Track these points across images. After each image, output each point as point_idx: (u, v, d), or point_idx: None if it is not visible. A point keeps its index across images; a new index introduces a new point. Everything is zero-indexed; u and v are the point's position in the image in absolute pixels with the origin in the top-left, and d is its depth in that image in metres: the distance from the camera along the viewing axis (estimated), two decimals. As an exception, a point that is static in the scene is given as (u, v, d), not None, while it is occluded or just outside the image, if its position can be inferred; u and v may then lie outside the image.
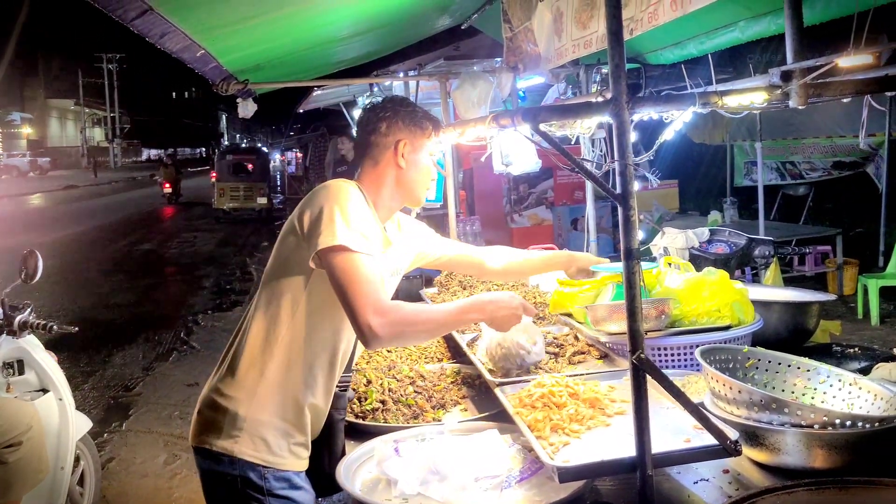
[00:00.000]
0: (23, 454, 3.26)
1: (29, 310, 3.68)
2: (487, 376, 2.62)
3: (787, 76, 1.80)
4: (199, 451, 2.21)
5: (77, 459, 3.98)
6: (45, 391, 3.78)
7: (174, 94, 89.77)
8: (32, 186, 39.27)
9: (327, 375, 2.29)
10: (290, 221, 2.22)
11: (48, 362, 3.84)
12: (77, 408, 4.02)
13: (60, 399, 3.80)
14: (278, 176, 30.62)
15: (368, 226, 2.20)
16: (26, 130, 61.34)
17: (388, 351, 3.40)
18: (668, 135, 2.18)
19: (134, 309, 10.70)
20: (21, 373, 3.74)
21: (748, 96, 1.87)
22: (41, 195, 34.98)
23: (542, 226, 10.01)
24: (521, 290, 3.67)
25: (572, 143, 4.54)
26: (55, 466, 3.71)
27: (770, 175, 11.57)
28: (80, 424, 3.98)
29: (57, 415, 3.78)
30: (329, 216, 2.10)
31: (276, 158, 33.43)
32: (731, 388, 2.12)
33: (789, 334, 3.11)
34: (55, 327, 3.73)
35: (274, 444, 2.16)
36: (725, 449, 1.82)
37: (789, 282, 7.35)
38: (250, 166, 23.45)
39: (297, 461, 2.24)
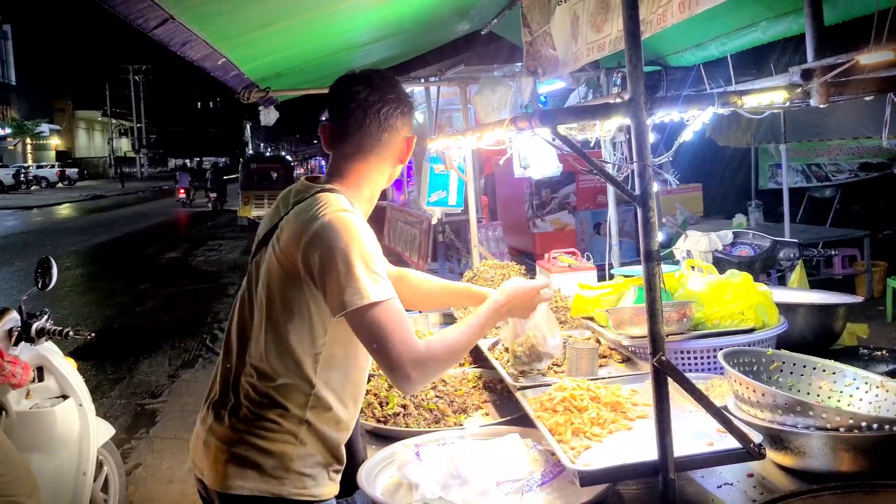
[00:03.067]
0: None
1: (46, 317, 3.72)
2: (509, 380, 2.61)
3: (807, 75, 1.78)
4: (230, 499, 2.01)
5: (100, 466, 4.01)
6: (65, 397, 3.82)
7: (199, 104, 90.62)
8: (60, 196, 39.83)
9: (356, 399, 2.17)
10: (290, 260, 1.97)
11: (68, 369, 3.87)
12: (104, 415, 4.06)
13: (80, 405, 3.83)
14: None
15: (377, 250, 1.99)
16: (55, 141, 62.26)
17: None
18: (686, 135, 2.16)
19: (160, 317, 10.81)
20: (41, 379, 3.78)
21: (768, 96, 1.85)
22: (69, 205, 35.47)
23: (564, 231, 9.96)
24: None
25: (592, 146, 4.52)
26: (77, 472, 3.74)
27: (796, 178, 11.44)
28: (102, 431, 4.01)
29: (77, 421, 3.81)
30: (348, 269, 1.88)
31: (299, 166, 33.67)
32: (754, 391, 2.09)
33: (815, 337, 3.07)
34: (70, 333, 3.76)
35: (318, 476, 2.06)
36: (749, 452, 1.80)
37: (817, 285, 7.25)
38: (275, 175, 23.61)
39: (335, 486, 2.14)
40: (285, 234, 2.00)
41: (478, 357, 3.36)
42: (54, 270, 3.83)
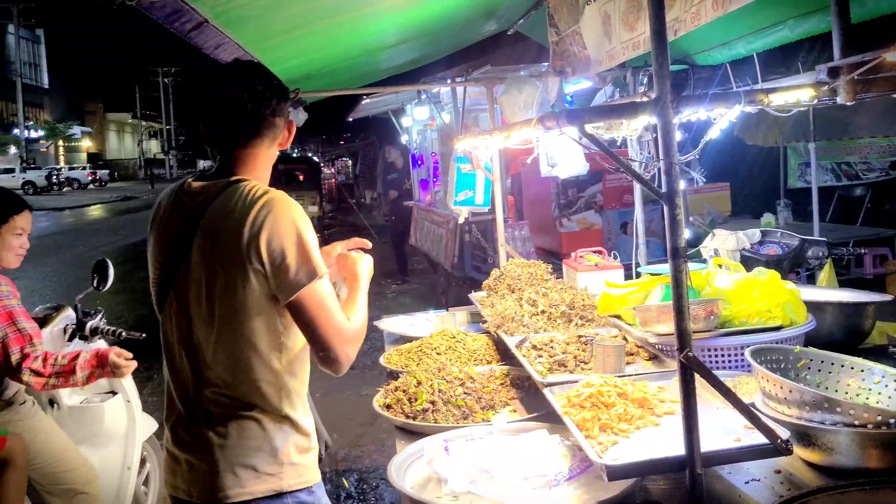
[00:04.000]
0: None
1: (100, 316, 3.81)
2: (536, 377, 2.64)
3: (834, 72, 1.79)
4: None
5: (143, 460, 4.10)
6: (113, 393, 3.91)
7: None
8: (92, 198, 40.40)
9: (307, 381, 2.14)
10: (233, 259, 1.92)
11: None
12: (140, 411, 4.14)
13: (128, 401, 3.92)
14: (329, 184, 30.99)
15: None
16: (86, 144, 63.20)
17: (438, 353, 3.44)
18: (713, 133, 2.17)
19: (190, 316, 10.89)
20: None
21: (795, 93, 1.87)
22: (100, 206, 35.96)
23: (591, 230, 9.93)
24: (570, 292, 3.67)
25: (618, 145, 4.53)
26: (122, 467, 3.84)
27: (825, 176, 11.30)
28: (147, 426, 4.10)
29: (125, 417, 3.91)
30: (302, 246, 1.91)
31: (327, 167, 33.87)
32: (781, 388, 2.10)
33: (843, 335, 3.06)
34: (123, 334, 3.85)
35: (308, 463, 2.06)
36: (776, 448, 1.81)
37: (847, 284, 7.17)
38: (301, 176, 23.75)
39: (318, 469, 2.13)
40: (217, 237, 1.95)
41: (505, 355, 3.39)
42: (110, 272, 3.91)
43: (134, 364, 3.31)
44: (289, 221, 1.91)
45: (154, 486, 4.29)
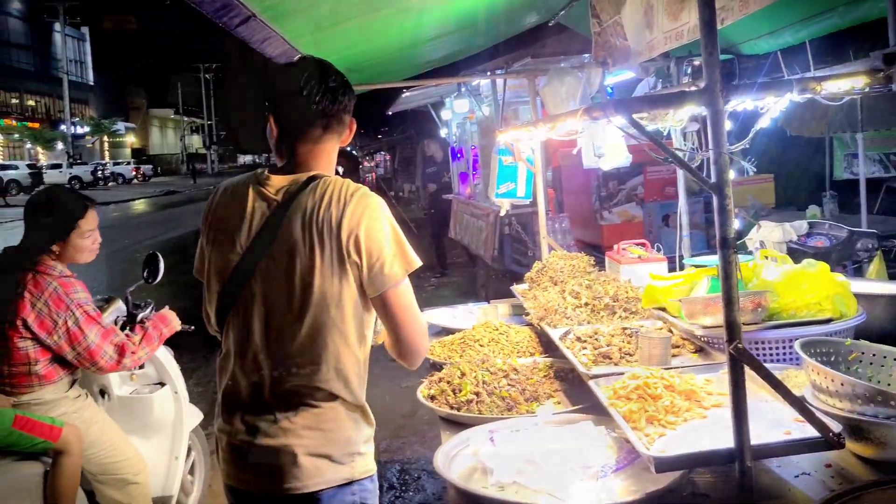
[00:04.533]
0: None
1: (150, 308, 3.89)
2: (581, 369, 2.63)
3: (889, 59, 1.75)
4: (307, 498, 1.99)
5: (189, 450, 4.18)
6: (162, 384, 3.99)
7: (267, 101, 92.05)
8: (136, 192, 41.14)
9: None
10: (335, 245, 1.95)
11: (166, 357, 4.05)
12: (185, 402, 4.21)
13: (176, 392, 4.00)
14: (368, 178, 31.18)
15: None
16: (130, 139, 64.33)
17: (481, 345, 3.45)
18: (763, 122, 2.14)
19: (232, 308, 11.04)
20: (141, 366, 3.96)
21: (848, 81, 1.83)
22: (144, 201, 36.59)
23: (632, 222, 9.86)
24: (614, 284, 3.65)
25: (664, 137, 4.48)
26: (170, 456, 3.92)
27: (873, 167, 11.06)
28: (193, 416, 4.18)
29: (173, 407, 3.99)
30: (398, 241, 2.00)
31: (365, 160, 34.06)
32: (833, 381, 2.07)
33: (895, 328, 3.00)
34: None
35: (371, 452, 2.09)
36: (828, 441, 1.79)
37: (896, 277, 7.03)
38: (340, 169, 23.89)
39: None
40: (310, 230, 1.97)
41: (548, 347, 3.39)
42: (161, 265, 3.99)
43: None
44: (384, 217, 2.00)
45: (199, 475, 4.37)
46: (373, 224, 1.96)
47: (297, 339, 1.98)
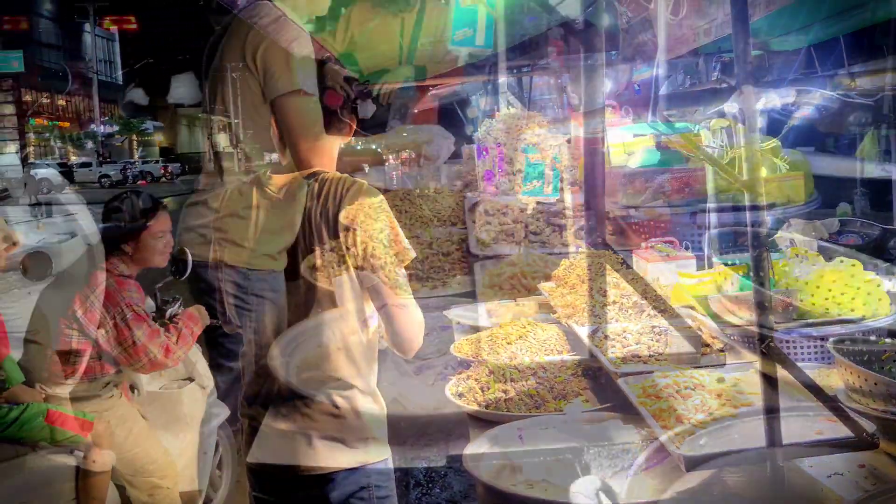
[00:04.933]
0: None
1: (178, 303, 3.92)
2: (609, 367, 2.62)
3: (925, 55, 1.73)
4: (321, 479, 2.11)
5: (217, 445, 4.22)
6: (190, 380, 4.03)
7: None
8: (164, 190, 41.51)
9: None
10: (333, 238, 2.07)
11: (194, 353, 4.08)
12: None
13: (204, 388, 4.04)
14: (394, 176, 31.20)
15: None
16: (158, 138, 64.96)
17: (508, 343, 3.45)
18: (795, 119, 2.12)
19: (259, 305, 11.13)
20: None
21: (882, 77, 1.81)
22: (172, 198, 36.91)
23: (659, 220, 9.78)
24: (641, 282, 3.63)
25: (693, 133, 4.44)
26: (199, 451, 3.96)
27: (906, 164, 10.89)
28: (220, 412, 4.22)
29: (201, 403, 4.02)
30: (394, 233, 2.10)
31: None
32: (867, 380, 2.05)
33: (930, 328, 2.95)
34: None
35: (385, 438, 2.17)
36: (862, 441, 1.78)
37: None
38: (366, 167, 23.96)
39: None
40: (310, 224, 2.10)
41: (575, 345, 3.37)
42: (189, 261, 4.03)
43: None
44: (381, 210, 2.08)
45: (227, 469, 4.42)
46: (369, 217, 2.06)
47: (308, 331, 2.11)
